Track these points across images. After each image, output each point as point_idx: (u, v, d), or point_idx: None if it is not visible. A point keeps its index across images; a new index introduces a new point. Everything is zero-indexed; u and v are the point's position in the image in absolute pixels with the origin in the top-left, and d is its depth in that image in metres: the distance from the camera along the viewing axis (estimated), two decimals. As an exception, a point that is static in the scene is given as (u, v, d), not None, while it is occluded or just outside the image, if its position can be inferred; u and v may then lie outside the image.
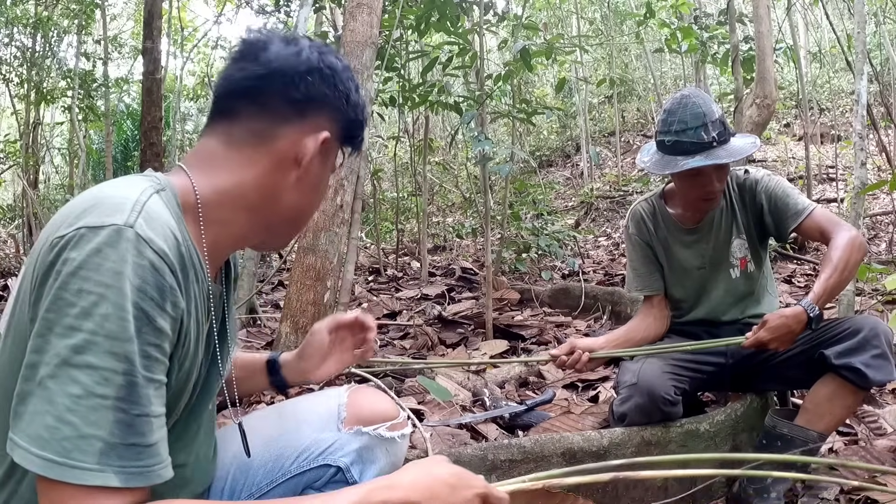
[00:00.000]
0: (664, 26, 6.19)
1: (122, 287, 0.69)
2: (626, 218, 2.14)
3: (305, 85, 0.89)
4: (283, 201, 0.91)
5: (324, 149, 0.92)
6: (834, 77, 10.35)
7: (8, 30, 7.52)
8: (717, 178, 1.86)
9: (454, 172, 8.53)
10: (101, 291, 0.68)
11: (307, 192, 0.94)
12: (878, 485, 1.71)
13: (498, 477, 1.63)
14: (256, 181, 0.88)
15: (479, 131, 3.79)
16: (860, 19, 2.94)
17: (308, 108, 0.90)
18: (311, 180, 0.93)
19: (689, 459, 1.45)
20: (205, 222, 0.85)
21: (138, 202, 0.75)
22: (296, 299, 2.29)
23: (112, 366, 0.68)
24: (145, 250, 0.71)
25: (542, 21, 10.01)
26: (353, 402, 1.16)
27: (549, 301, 4.45)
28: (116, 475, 0.67)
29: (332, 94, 0.92)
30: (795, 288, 4.43)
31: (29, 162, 8.04)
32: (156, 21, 4.88)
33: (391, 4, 4.08)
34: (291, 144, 0.89)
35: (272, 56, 0.89)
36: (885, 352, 1.66)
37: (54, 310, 0.68)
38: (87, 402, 0.66)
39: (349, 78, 0.95)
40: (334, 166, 0.99)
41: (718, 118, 1.82)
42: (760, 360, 1.92)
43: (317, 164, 0.93)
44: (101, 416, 0.67)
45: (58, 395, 0.66)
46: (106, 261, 0.69)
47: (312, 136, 0.90)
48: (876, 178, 6.27)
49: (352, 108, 0.95)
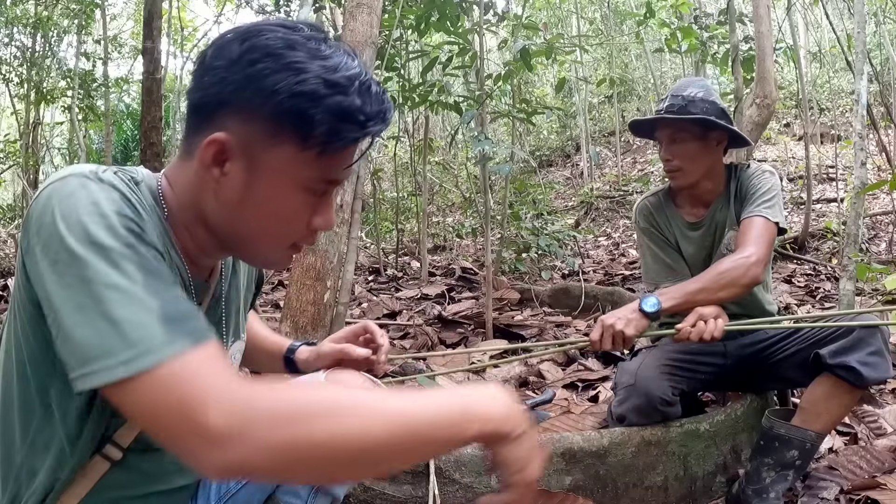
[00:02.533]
0: (664, 26, 6.19)
1: (102, 211, 0.71)
2: (633, 214, 2.15)
3: (201, 91, 0.80)
4: (213, 217, 0.84)
5: (235, 153, 0.79)
6: (834, 77, 10.34)
7: (8, 30, 7.52)
8: (670, 152, 1.92)
9: (454, 172, 8.53)
10: (83, 220, 0.70)
11: (230, 206, 0.82)
12: (878, 485, 1.72)
13: (498, 477, 1.63)
14: (191, 195, 0.85)
15: (479, 131, 3.79)
16: (860, 19, 2.93)
17: (208, 113, 0.80)
18: (229, 194, 0.81)
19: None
20: (172, 224, 0.86)
21: (94, 172, 0.77)
22: (296, 299, 2.29)
23: (126, 266, 0.69)
24: (111, 192, 0.74)
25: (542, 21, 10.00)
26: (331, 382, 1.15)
27: (549, 301, 4.45)
28: (184, 338, 0.67)
29: (225, 91, 0.78)
30: (795, 288, 4.43)
31: (29, 162, 8.04)
32: (156, 21, 4.88)
33: (391, 4, 4.08)
34: (199, 156, 0.81)
35: (197, 61, 0.84)
36: (880, 349, 1.65)
37: (49, 254, 0.70)
38: (127, 298, 0.67)
39: (261, 59, 0.76)
40: (297, 171, 0.80)
41: (694, 97, 1.87)
42: (758, 360, 1.92)
43: (235, 172, 0.80)
44: (144, 303, 0.67)
45: (98, 314, 0.66)
46: (79, 201, 0.71)
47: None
48: (876, 178, 6.27)
49: (265, 95, 0.76)
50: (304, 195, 0.83)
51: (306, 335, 2.23)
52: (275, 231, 0.85)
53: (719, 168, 1.98)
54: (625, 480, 1.74)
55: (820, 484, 1.80)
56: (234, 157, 0.80)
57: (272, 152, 0.79)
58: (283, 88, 0.76)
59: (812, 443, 1.73)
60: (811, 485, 1.81)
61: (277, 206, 0.83)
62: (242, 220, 0.83)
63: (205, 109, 0.81)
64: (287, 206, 0.83)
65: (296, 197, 0.83)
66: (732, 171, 2.01)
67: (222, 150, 0.79)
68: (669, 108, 1.89)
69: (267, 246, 0.87)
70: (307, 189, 0.83)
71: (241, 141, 0.79)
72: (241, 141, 0.79)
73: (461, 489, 1.61)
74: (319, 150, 0.79)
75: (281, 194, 0.82)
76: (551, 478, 1.67)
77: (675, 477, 1.79)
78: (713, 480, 1.85)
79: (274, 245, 0.87)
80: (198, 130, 0.82)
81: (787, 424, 1.75)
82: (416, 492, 1.58)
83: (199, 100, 0.81)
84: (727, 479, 1.87)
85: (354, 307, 4.34)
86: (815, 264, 5.06)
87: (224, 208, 0.83)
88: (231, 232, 0.85)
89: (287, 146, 0.79)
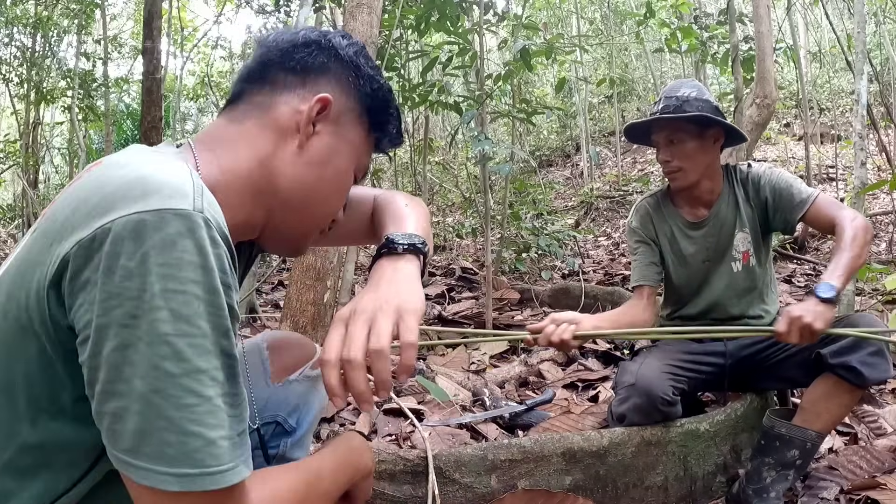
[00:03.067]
0: (664, 26, 6.19)
1: (210, 282, 0.63)
2: (630, 213, 2.16)
3: (303, 55, 0.88)
4: (286, 176, 0.85)
5: (330, 117, 0.88)
6: (834, 77, 10.34)
7: (8, 30, 7.52)
8: (668, 152, 1.92)
9: (454, 172, 8.52)
10: (188, 289, 0.62)
11: (312, 166, 0.86)
12: (878, 485, 1.72)
13: (498, 477, 1.63)
14: (257, 154, 0.84)
15: (479, 131, 3.79)
16: (860, 19, 2.94)
17: (308, 76, 0.88)
18: (315, 152, 0.87)
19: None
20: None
21: (196, 183, 0.68)
22: (296, 299, 2.29)
23: (216, 364, 0.64)
24: (216, 237, 0.65)
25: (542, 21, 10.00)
26: (274, 353, 1.17)
27: (549, 301, 4.45)
28: (244, 465, 0.66)
29: (333, 64, 0.89)
30: (795, 288, 4.43)
31: (29, 162, 8.05)
32: (156, 21, 4.88)
33: (391, 4, 4.08)
34: (290, 111, 0.86)
35: (272, 39, 0.90)
36: (881, 349, 1.66)
37: (130, 317, 0.60)
38: (204, 408, 0.62)
39: (359, 53, 0.91)
40: (360, 154, 0.93)
41: (688, 96, 1.88)
42: (758, 359, 1.93)
43: (325, 135, 0.88)
44: (220, 416, 0.63)
45: (170, 409, 0.61)
46: (185, 253, 0.62)
47: (311, 99, 0.86)
48: (876, 178, 6.27)
49: (366, 81, 0.91)
50: (352, 176, 0.93)
51: (306, 335, 2.23)
52: (336, 204, 0.93)
53: (717, 166, 1.99)
54: (625, 480, 1.74)
55: (820, 484, 1.80)
56: (328, 121, 0.87)
57: (355, 128, 0.91)
58: (380, 80, 0.93)
59: (812, 442, 1.73)
60: (811, 485, 1.81)
61: (346, 178, 0.92)
62: (323, 182, 0.88)
63: (307, 72, 0.87)
64: (348, 180, 0.93)
65: (351, 176, 0.93)
66: (730, 172, 2.02)
67: (323, 111, 0.86)
68: (665, 110, 1.90)
69: (319, 219, 0.92)
70: (355, 172, 0.93)
71: (337, 107, 0.88)
72: (337, 108, 0.88)
73: (461, 489, 1.61)
74: (378, 142, 0.95)
75: (349, 168, 0.92)
76: (551, 478, 1.67)
77: (675, 477, 1.79)
78: (713, 480, 1.85)
79: (324, 219, 0.93)
80: (285, 89, 0.86)
81: (788, 424, 1.75)
82: (416, 492, 1.58)
83: (297, 60, 0.87)
84: (727, 479, 1.87)
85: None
86: (815, 264, 5.06)
87: (308, 168, 0.86)
88: (300, 194, 0.86)
89: (363, 128, 0.92)
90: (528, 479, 1.65)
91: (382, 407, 2.34)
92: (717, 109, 1.91)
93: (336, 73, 0.89)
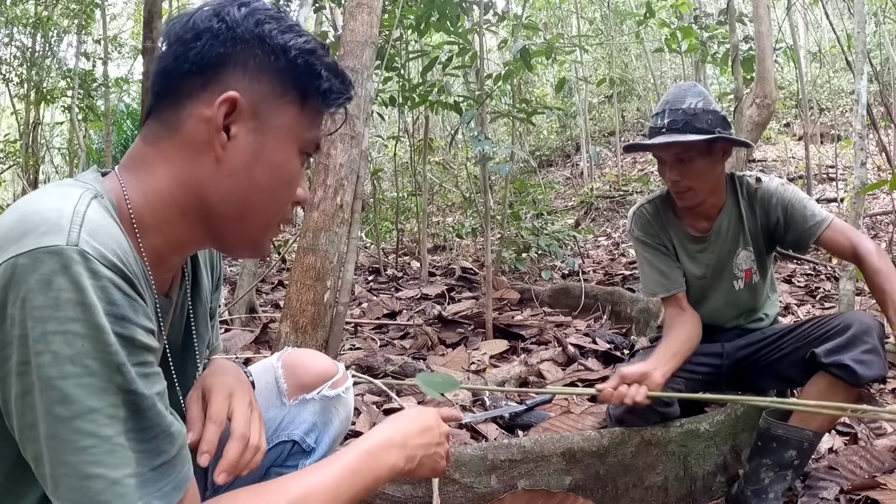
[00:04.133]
0: (664, 26, 6.19)
1: (90, 318, 0.60)
2: (628, 222, 2.05)
3: (196, 51, 0.76)
4: (213, 194, 0.78)
5: (244, 114, 0.77)
6: (834, 77, 10.35)
7: (8, 30, 7.52)
8: (677, 171, 1.80)
9: (454, 172, 8.53)
10: (68, 329, 0.60)
11: (237, 175, 0.78)
12: (878, 485, 1.72)
13: (498, 477, 1.63)
14: (176, 176, 0.77)
15: (479, 131, 3.79)
16: (860, 19, 2.93)
17: (207, 74, 0.76)
18: (236, 160, 0.77)
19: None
20: (140, 229, 0.76)
21: (76, 213, 0.64)
22: (296, 299, 2.28)
23: (113, 401, 0.62)
24: (99, 269, 0.62)
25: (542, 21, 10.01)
26: (289, 371, 1.13)
27: (549, 301, 4.45)
28: (159, 500, 0.65)
29: (233, 49, 0.76)
30: (795, 288, 4.43)
31: (29, 162, 8.05)
32: (156, 21, 4.87)
33: (391, 4, 4.08)
34: (198, 123, 0.76)
35: (164, 37, 0.79)
36: (875, 347, 1.63)
37: (21, 364, 0.60)
38: (103, 448, 0.61)
39: (262, 22, 0.77)
40: (300, 132, 0.81)
41: (696, 109, 1.76)
42: (755, 359, 1.91)
43: (243, 136, 0.77)
44: (122, 455, 0.62)
45: (68, 454, 0.60)
46: (62, 292, 0.60)
47: (214, 104, 0.75)
48: (876, 178, 6.27)
49: (277, 53, 0.77)
50: (300, 158, 0.83)
51: (306, 335, 2.23)
52: (282, 198, 0.83)
53: (722, 179, 1.90)
54: (625, 480, 1.74)
55: (820, 484, 1.80)
56: (243, 119, 0.77)
57: (280, 111, 0.79)
58: (294, 45, 0.78)
59: (809, 442, 1.72)
60: (811, 485, 1.81)
61: (287, 169, 0.82)
62: (254, 189, 0.79)
63: (199, 71, 0.76)
64: (291, 168, 0.82)
65: (296, 160, 0.83)
66: (736, 183, 1.92)
67: (233, 111, 0.76)
68: (672, 125, 1.76)
69: (266, 219, 0.83)
70: (302, 151, 0.83)
71: (249, 100, 0.77)
72: (250, 100, 0.77)
73: (461, 489, 1.61)
74: (317, 110, 0.82)
75: (287, 155, 0.81)
76: (551, 478, 1.67)
77: (675, 477, 1.79)
78: (713, 480, 1.85)
79: (274, 217, 0.84)
80: (188, 99, 0.76)
81: (785, 425, 1.74)
82: (416, 492, 1.58)
83: (191, 62, 0.75)
84: (727, 479, 1.87)
85: (354, 307, 4.35)
86: (815, 264, 5.06)
87: (232, 179, 0.78)
88: (234, 206, 0.79)
89: (292, 105, 0.80)
90: (528, 479, 1.65)
91: (382, 407, 2.34)
92: (725, 120, 1.80)
93: (239, 60, 0.77)
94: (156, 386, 0.68)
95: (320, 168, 2.37)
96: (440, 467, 0.97)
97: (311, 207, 2.34)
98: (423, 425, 0.95)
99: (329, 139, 2.36)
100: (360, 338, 3.55)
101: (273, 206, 0.83)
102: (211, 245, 0.86)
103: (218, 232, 0.82)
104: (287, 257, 5.80)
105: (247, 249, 0.86)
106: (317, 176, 2.39)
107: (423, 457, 0.93)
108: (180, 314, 0.91)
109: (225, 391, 0.92)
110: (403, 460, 0.89)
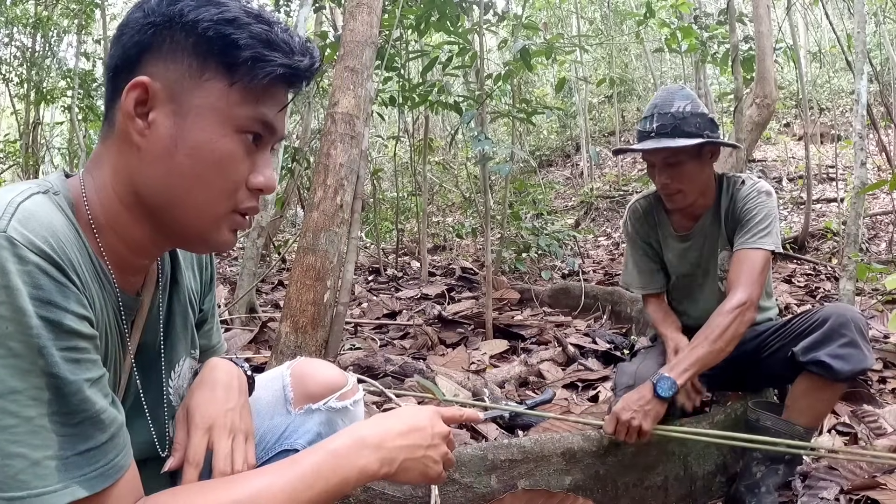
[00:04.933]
0: (664, 26, 6.19)
1: (13, 301, 0.62)
2: (625, 214, 2.12)
3: (120, 48, 0.77)
4: (140, 184, 0.77)
5: (159, 98, 0.75)
6: (834, 77, 10.35)
7: (8, 30, 7.52)
8: (666, 175, 1.82)
9: (454, 172, 8.53)
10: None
11: (157, 162, 0.75)
12: (878, 485, 1.72)
13: (498, 477, 1.63)
14: (112, 170, 0.78)
15: (479, 131, 3.79)
16: (860, 19, 2.94)
17: (131, 68, 0.76)
18: (155, 146, 0.75)
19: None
20: (97, 228, 0.77)
21: (11, 203, 0.67)
22: (295, 299, 2.28)
23: (36, 383, 0.63)
24: (25, 254, 0.64)
25: (542, 21, 10.01)
26: (297, 380, 1.11)
27: (549, 301, 4.45)
28: (81, 485, 0.65)
29: (149, 36, 0.75)
30: (795, 288, 4.43)
31: (29, 162, 8.05)
32: (156, 21, 4.87)
33: (391, 4, 4.08)
34: (121, 114, 0.76)
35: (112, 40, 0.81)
36: (853, 339, 1.60)
37: None
38: (25, 428, 0.62)
39: (174, 2, 0.75)
40: (231, 108, 0.76)
41: (684, 112, 1.78)
42: (749, 358, 1.91)
43: (161, 121, 0.75)
44: (45, 437, 0.63)
45: None
46: None
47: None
48: (876, 178, 6.27)
49: (188, 30, 0.74)
50: (238, 138, 0.77)
51: (306, 335, 2.23)
52: (214, 183, 0.77)
53: (712, 180, 1.92)
54: (625, 480, 1.74)
55: (820, 484, 1.80)
56: (160, 103, 0.75)
57: (200, 90, 0.75)
58: (205, 17, 0.74)
59: (800, 437, 1.70)
60: (811, 485, 1.81)
61: (212, 150, 0.76)
62: (177, 175, 0.76)
63: (126, 64, 0.76)
64: (222, 148, 0.76)
65: (230, 139, 0.77)
66: (723, 183, 1.94)
67: (145, 96, 0.74)
68: (661, 129, 1.79)
69: (206, 208, 0.78)
70: (241, 130, 0.77)
71: (165, 84, 0.75)
72: (166, 84, 0.75)
73: (461, 489, 1.61)
74: (248, 81, 0.75)
75: (214, 136, 0.76)
76: (551, 478, 1.67)
77: (675, 477, 1.79)
78: (713, 480, 1.85)
79: (216, 205, 0.78)
80: (118, 94, 0.76)
81: (774, 417, 1.73)
82: (416, 492, 1.58)
83: (119, 57, 0.76)
84: (727, 478, 1.87)
85: (354, 307, 4.35)
86: (815, 264, 5.07)
87: (155, 167, 0.75)
88: (162, 195, 0.77)
89: (215, 81, 0.75)
90: (528, 479, 1.65)
91: (383, 407, 2.34)
92: (713, 122, 1.82)
93: (154, 45, 0.75)
94: (87, 372, 0.68)
95: (320, 168, 2.37)
96: (433, 472, 0.89)
97: (311, 207, 2.34)
98: (410, 425, 0.88)
99: (329, 139, 2.36)
100: (360, 338, 3.55)
101: (206, 191, 0.77)
102: (171, 244, 0.85)
103: (165, 226, 0.79)
104: (287, 257, 5.81)
105: (200, 244, 0.82)
106: (317, 176, 2.39)
107: (407, 460, 0.86)
108: (157, 314, 0.91)
109: (204, 424, 0.89)
110: (377, 463, 0.83)
